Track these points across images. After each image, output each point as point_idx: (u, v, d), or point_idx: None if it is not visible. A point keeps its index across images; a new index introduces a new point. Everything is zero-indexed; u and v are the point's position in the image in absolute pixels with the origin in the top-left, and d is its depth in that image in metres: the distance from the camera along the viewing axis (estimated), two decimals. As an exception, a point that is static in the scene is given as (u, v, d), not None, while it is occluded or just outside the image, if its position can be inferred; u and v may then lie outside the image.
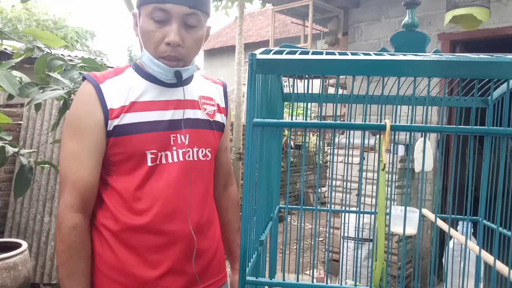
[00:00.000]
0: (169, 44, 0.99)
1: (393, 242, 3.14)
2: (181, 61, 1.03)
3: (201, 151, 1.10)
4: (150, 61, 1.03)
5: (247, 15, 13.90)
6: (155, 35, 1.00)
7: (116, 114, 1.01)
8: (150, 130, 1.03)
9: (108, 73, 1.07)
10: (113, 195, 1.04)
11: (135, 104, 1.03)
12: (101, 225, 1.04)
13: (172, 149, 1.05)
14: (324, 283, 0.65)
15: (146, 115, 1.03)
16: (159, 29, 1.00)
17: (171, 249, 1.05)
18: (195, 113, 1.11)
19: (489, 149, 0.63)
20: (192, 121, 1.09)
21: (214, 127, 1.15)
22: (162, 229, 1.03)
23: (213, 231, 1.16)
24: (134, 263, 1.03)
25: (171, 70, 1.03)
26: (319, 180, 0.86)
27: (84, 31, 12.33)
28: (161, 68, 1.03)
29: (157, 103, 1.05)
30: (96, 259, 1.04)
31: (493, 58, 0.57)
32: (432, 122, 3.27)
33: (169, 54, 1.01)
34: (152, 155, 1.03)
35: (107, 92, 1.01)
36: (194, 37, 1.03)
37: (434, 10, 3.53)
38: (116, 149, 1.02)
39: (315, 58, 0.60)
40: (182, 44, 1.01)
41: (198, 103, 1.13)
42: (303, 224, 0.98)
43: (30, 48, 1.46)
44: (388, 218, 0.97)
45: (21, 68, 1.61)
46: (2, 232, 3.43)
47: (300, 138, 6.43)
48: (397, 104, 0.83)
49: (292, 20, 5.35)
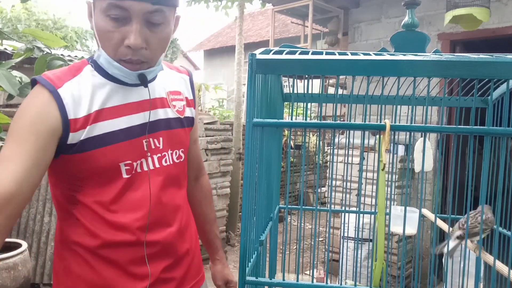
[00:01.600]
0: (130, 47, 0.86)
1: (393, 242, 3.14)
2: (145, 63, 0.91)
3: (175, 153, 1.03)
4: (109, 64, 0.90)
5: (247, 15, 13.90)
6: (113, 36, 0.86)
7: (80, 126, 0.88)
8: (122, 139, 0.92)
9: (63, 74, 0.92)
10: (86, 211, 0.93)
11: (102, 112, 0.91)
12: (75, 243, 0.95)
13: (146, 156, 0.96)
14: (324, 283, 0.65)
15: (115, 123, 0.92)
16: (117, 29, 0.86)
17: (157, 259, 0.99)
18: (166, 112, 1.01)
19: (489, 149, 0.63)
20: (164, 122, 1.00)
21: (185, 124, 1.07)
22: (146, 241, 0.97)
23: (190, 230, 1.12)
24: (117, 278, 0.95)
25: (134, 73, 0.91)
26: (319, 180, 0.86)
27: (84, 31, 12.32)
28: (122, 71, 0.90)
29: (126, 107, 0.94)
30: (74, 280, 0.95)
31: (493, 58, 0.57)
32: (432, 122, 3.27)
33: (131, 57, 0.88)
34: (127, 167, 0.93)
35: (68, 99, 0.87)
36: (160, 36, 0.90)
37: (434, 10, 3.53)
38: (85, 165, 0.90)
39: (315, 58, 0.60)
40: (145, 46, 0.88)
41: (167, 100, 1.03)
42: (303, 224, 0.98)
43: (30, 48, 1.46)
44: (388, 218, 0.97)
45: (21, 68, 1.61)
46: (2, 232, 3.43)
47: (300, 138, 6.43)
48: (397, 104, 0.83)
49: (292, 20, 5.35)
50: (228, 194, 4.12)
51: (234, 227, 4.60)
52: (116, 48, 0.88)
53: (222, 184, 4.02)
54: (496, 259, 0.67)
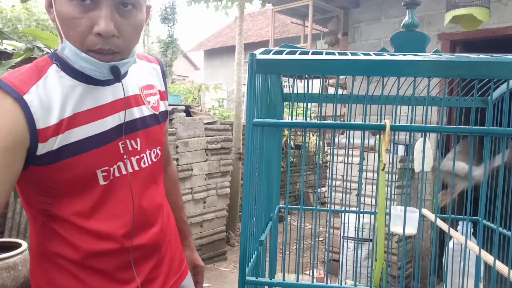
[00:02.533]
0: (100, 35, 0.77)
1: (393, 242, 3.14)
2: (117, 54, 0.81)
3: (153, 152, 0.98)
4: (76, 56, 0.79)
5: (247, 15, 13.91)
6: (80, 23, 0.77)
7: (51, 134, 0.80)
8: (97, 145, 0.85)
9: (27, 76, 0.81)
10: (64, 223, 0.87)
11: (74, 118, 0.82)
12: (55, 254, 0.89)
13: (123, 159, 0.90)
14: (324, 283, 0.65)
15: (90, 128, 0.84)
16: (84, 15, 0.76)
17: (143, 261, 0.96)
18: (141, 110, 0.95)
19: (489, 149, 0.63)
20: (140, 121, 0.94)
21: (160, 120, 1.01)
22: (130, 247, 0.93)
23: (170, 223, 1.09)
24: (102, 284, 0.91)
25: (105, 65, 0.81)
26: (319, 180, 0.86)
27: (84, 31, 12.31)
28: (92, 64, 0.80)
29: (99, 110, 0.86)
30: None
31: (493, 58, 0.57)
32: (432, 122, 3.27)
33: (102, 47, 0.78)
34: (104, 173, 0.87)
35: (35, 106, 0.78)
36: (132, 22, 0.81)
37: (434, 10, 3.53)
38: (60, 175, 0.83)
39: (315, 58, 0.60)
40: (117, 33, 0.79)
41: (141, 97, 0.96)
42: (303, 224, 0.98)
43: (30, 48, 1.46)
44: (388, 218, 0.97)
45: (21, 68, 1.61)
46: (2, 232, 3.43)
47: (300, 138, 6.43)
48: (397, 104, 0.83)
49: (292, 20, 5.35)
50: (228, 194, 4.12)
51: (234, 227, 4.60)
52: (83, 37, 0.78)
53: (222, 184, 4.02)
54: (496, 259, 0.67)
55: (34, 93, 0.79)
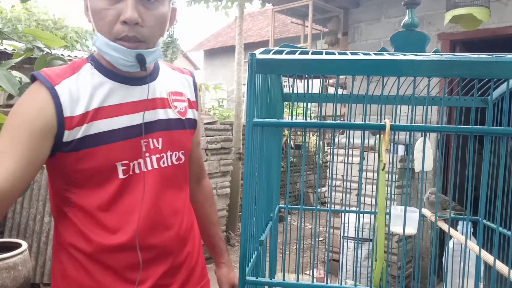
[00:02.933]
0: (126, 22, 0.84)
1: (393, 242, 3.14)
2: (142, 42, 0.88)
3: (174, 154, 1.00)
4: (106, 46, 0.87)
5: (247, 15, 13.90)
6: (108, 14, 0.85)
7: (77, 123, 0.86)
8: (119, 138, 0.90)
9: (62, 71, 0.90)
10: (80, 213, 0.91)
11: (99, 111, 0.89)
12: (70, 245, 0.93)
13: (145, 156, 0.94)
14: (324, 283, 0.65)
15: (114, 122, 0.90)
16: (112, 6, 0.85)
17: (155, 264, 0.96)
18: (166, 112, 0.99)
19: (489, 149, 0.63)
20: (164, 122, 0.98)
21: (186, 126, 1.04)
22: (142, 245, 0.94)
23: (193, 235, 1.09)
24: (113, 283, 0.93)
25: (131, 53, 0.87)
26: (319, 180, 0.85)
27: (84, 31, 12.32)
28: (120, 52, 0.87)
29: (125, 106, 0.92)
30: (69, 282, 0.94)
31: (493, 58, 0.57)
32: (432, 122, 3.27)
33: (127, 34, 0.86)
34: (124, 167, 0.91)
35: (64, 96, 0.86)
36: (155, 13, 0.88)
37: (434, 10, 3.53)
38: (82, 164, 0.88)
39: (315, 58, 0.60)
40: (141, 22, 0.86)
41: (168, 101, 1.01)
42: (303, 224, 0.98)
43: (30, 48, 1.46)
44: (388, 218, 0.97)
45: (21, 68, 1.61)
46: (2, 232, 3.44)
47: (300, 138, 6.43)
48: (397, 104, 0.83)
49: (292, 20, 5.35)
50: (228, 194, 4.12)
51: (234, 227, 4.60)
52: (111, 25, 0.86)
53: (222, 184, 4.02)
54: (496, 259, 0.67)
55: (65, 85, 0.88)
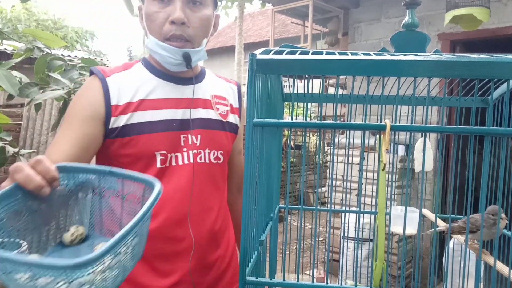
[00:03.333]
0: (174, 22, 0.95)
1: (393, 242, 3.14)
2: (188, 42, 0.98)
3: (212, 153, 1.05)
4: (156, 45, 0.98)
5: (247, 15, 13.90)
6: (159, 16, 0.96)
7: (121, 111, 0.96)
8: (160, 130, 0.98)
9: (116, 68, 1.03)
10: None
11: (144, 102, 0.98)
12: None
13: (182, 151, 1.00)
14: (324, 283, 0.65)
15: (156, 114, 0.98)
16: (162, 9, 0.96)
17: (182, 258, 0.99)
18: (207, 112, 1.05)
19: (489, 149, 0.63)
20: (204, 121, 1.04)
21: (227, 128, 1.09)
22: (172, 236, 0.97)
23: (227, 238, 1.10)
24: (142, 272, 0.97)
25: (178, 51, 0.97)
26: (319, 180, 0.86)
27: (84, 31, 12.32)
28: (168, 51, 0.97)
29: (168, 101, 1.00)
30: None
31: (493, 58, 0.57)
32: (432, 122, 3.27)
33: (174, 33, 0.96)
34: (162, 157, 0.97)
35: (113, 87, 0.97)
36: (200, 15, 0.98)
37: (434, 10, 3.53)
38: (124, 150, 0.96)
39: (315, 58, 0.60)
40: (187, 22, 0.96)
41: (211, 103, 1.08)
42: (303, 224, 0.97)
43: (30, 48, 1.46)
44: (388, 218, 0.97)
45: (21, 68, 1.61)
46: (2, 232, 3.43)
47: (300, 138, 6.43)
48: (397, 104, 0.83)
49: (292, 20, 5.35)
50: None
51: (234, 227, 4.59)
52: (161, 26, 0.97)
53: (222, 184, 4.01)
54: (496, 259, 0.67)
55: (115, 78, 0.99)
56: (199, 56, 1.02)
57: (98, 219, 0.73)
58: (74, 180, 0.71)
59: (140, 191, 0.69)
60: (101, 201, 0.72)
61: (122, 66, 1.03)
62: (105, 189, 0.72)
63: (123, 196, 0.71)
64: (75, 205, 0.72)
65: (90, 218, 0.73)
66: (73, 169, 0.71)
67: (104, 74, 0.98)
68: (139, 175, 0.70)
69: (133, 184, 0.70)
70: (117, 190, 0.71)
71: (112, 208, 0.72)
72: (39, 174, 0.65)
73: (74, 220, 0.72)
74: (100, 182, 0.71)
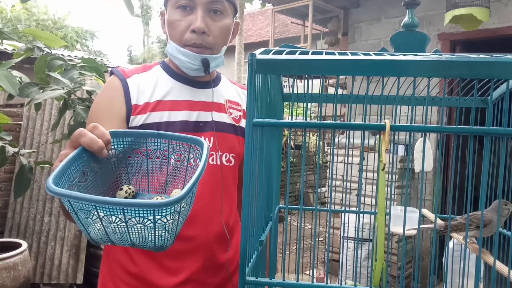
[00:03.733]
0: (194, 31, 0.98)
1: (393, 242, 3.14)
2: (208, 49, 1.02)
3: (224, 155, 1.07)
4: (176, 51, 1.01)
5: (247, 15, 13.90)
6: (181, 24, 1.00)
7: (140, 111, 0.99)
8: (175, 130, 1.00)
9: (136, 69, 1.07)
10: None
11: (160, 103, 1.01)
12: None
13: None
14: (324, 283, 0.65)
15: (172, 115, 1.01)
16: (184, 18, 1.00)
17: (191, 257, 1.01)
18: (221, 116, 1.08)
19: (489, 149, 0.63)
20: (217, 124, 1.06)
21: (239, 133, 1.12)
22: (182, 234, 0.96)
23: (236, 241, 1.12)
24: (151, 269, 0.99)
25: (197, 57, 1.00)
26: (319, 180, 0.85)
27: (84, 31, 12.32)
28: (188, 56, 1.01)
29: (183, 103, 1.03)
30: (115, 266, 1.02)
31: (493, 58, 0.57)
32: (432, 122, 3.27)
33: (195, 42, 1.00)
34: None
35: (133, 87, 1.01)
36: (220, 24, 1.02)
37: (434, 10, 3.53)
38: None
39: (315, 58, 0.60)
40: (207, 31, 1.00)
41: (225, 107, 1.11)
42: (303, 224, 0.98)
43: (30, 48, 1.46)
44: (388, 218, 0.97)
45: (21, 68, 1.61)
46: (2, 232, 3.43)
47: (300, 138, 6.42)
48: (397, 104, 0.83)
49: (292, 20, 5.35)
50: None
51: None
52: (182, 34, 1.00)
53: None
54: (496, 259, 0.67)
55: (135, 79, 1.03)
56: (217, 62, 1.05)
57: (145, 179, 0.81)
58: (124, 144, 0.79)
59: (186, 150, 0.79)
60: (148, 162, 0.81)
61: (141, 68, 1.08)
62: (152, 151, 0.80)
63: (169, 155, 0.80)
64: (125, 166, 0.80)
65: (138, 178, 0.81)
66: (123, 134, 0.79)
67: (125, 75, 1.03)
68: (184, 136, 0.79)
69: (179, 144, 0.79)
70: (163, 151, 0.80)
71: (158, 168, 0.81)
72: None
73: (124, 180, 0.81)
74: (148, 144, 0.80)
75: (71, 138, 0.73)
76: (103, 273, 1.06)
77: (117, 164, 0.79)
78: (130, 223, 0.60)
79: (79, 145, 0.71)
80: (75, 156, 0.69)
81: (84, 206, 0.59)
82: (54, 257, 3.26)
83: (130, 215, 0.59)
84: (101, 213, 0.59)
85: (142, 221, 0.60)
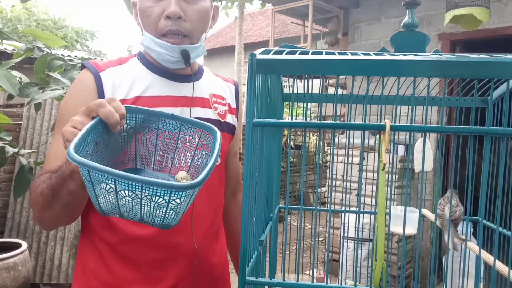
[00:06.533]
0: (169, 17, 0.90)
1: (393, 242, 3.14)
2: (186, 37, 0.93)
3: None
4: (152, 42, 0.92)
5: (247, 15, 13.90)
6: (153, 11, 0.91)
7: None
8: None
9: (110, 62, 0.97)
10: None
11: (139, 99, 0.92)
12: (97, 236, 0.93)
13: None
14: (324, 283, 0.65)
15: None
16: (156, 4, 0.91)
17: (174, 265, 0.94)
18: (206, 112, 1.01)
19: (489, 149, 0.63)
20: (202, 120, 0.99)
21: (225, 129, 1.05)
22: (166, 242, 0.93)
23: (221, 245, 1.07)
24: (132, 280, 0.92)
25: (176, 48, 0.92)
26: (319, 180, 0.86)
27: (84, 31, 12.31)
28: (165, 48, 0.92)
29: (164, 99, 0.95)
30: (88, 275, 0.94)
31: (493, 58, 0.57)
32: (432, 122, 3.27)
33: (171, 28, 0.90)
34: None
35: (107, 82, 0.91)
36: (196, 8, 0.93)
37: (434, 10, 3.53)
38: None
39: (315, 58, 0.60)
40: (183, 16, 0.91)
41: (209, 102, 1.03)
42: (303, 224, 0.97)
43: (30, 48, 1.46)
44: (388, 218, 0.97)
45: (21, 68, 1.61)
46: (2, 232, 3.43)
47: (300, 138, 6.43)
48: (397, 104, 0.83)
49: (292, 20, 5.35)
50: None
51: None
52: (156, 21, 0.91)
53: (222, 184, 4.01)
54: (496, 259, 0.67)
55: (109, 73, 0.93)
56: (198, 52, 0.97)
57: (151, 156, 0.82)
58: (136, 120, 0.79)
59: (197, 135, 0.80)
60: (157, 140, 0.81)
61: (116, 60, 0.98)
62: (163, 130, 0.81)
63: (179, 137, 0.81)
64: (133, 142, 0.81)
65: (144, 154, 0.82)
66: (137, 111, 0.78)
67: (98, 68, 0.92)
68: (198, 121, 0.80)
69: (191, 128, 0.80)
70: (173, 132, 0.81)
71: (166, 147, 0.80)
72: None
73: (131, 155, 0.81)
74: (159, 124, 0.80)
75: (89, 106, 0.71)
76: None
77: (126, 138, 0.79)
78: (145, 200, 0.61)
79: (96, 115, 0.70)
80: (93, 126, 0.68)
81: (102, 178, 0.60)
82: (54, 257, 3.26)
83: (147, 192, 0.60)
84: (118, 187, 0.60)
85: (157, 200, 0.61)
